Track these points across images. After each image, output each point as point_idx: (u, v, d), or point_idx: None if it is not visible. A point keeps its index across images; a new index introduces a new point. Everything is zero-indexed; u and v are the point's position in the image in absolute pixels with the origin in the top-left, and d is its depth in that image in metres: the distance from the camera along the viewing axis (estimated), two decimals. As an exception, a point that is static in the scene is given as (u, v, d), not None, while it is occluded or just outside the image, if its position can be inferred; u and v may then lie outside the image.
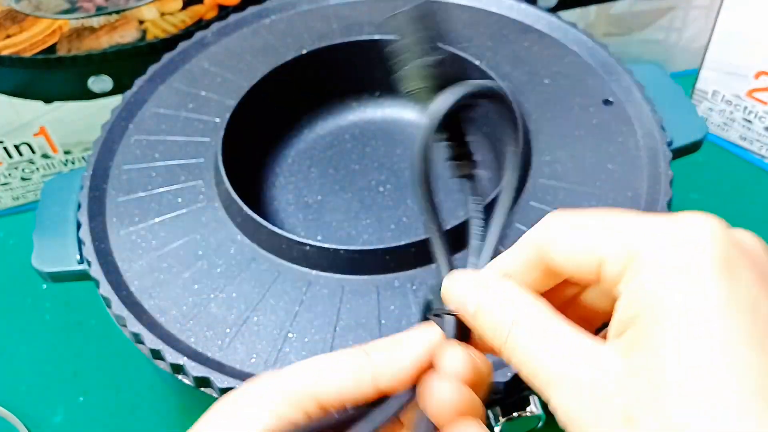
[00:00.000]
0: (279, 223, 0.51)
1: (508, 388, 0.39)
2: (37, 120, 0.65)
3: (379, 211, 0.51)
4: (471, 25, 0.57)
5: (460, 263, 0.34)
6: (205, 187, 0.49)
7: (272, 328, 0.42)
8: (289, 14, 0.60)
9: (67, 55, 0.61)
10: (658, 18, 0.70)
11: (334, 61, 0.55)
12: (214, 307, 0.43)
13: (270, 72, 0.52)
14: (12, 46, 0.60)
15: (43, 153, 0.68)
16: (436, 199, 0.33)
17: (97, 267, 0.44)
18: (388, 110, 0.57)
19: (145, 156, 0.51)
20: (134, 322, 0.42)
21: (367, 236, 0.50)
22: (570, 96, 0.52)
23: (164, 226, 0.47)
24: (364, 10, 0.59)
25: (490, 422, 0.42)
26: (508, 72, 0.54)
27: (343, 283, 0.43)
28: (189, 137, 0.52)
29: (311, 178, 0.53)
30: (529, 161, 0.49)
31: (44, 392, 0.60)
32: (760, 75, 0.65)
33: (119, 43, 0.62)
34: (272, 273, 0.44)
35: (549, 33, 0.56)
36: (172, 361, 0.40)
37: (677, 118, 0.51)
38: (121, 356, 0.61)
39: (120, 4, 0.60)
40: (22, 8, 0.59)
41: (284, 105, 0.55)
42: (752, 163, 0.70)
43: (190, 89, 0.55)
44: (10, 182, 0.70)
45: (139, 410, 0.58)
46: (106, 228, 0.47)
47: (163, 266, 0.45)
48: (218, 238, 0.46)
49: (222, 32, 0.58)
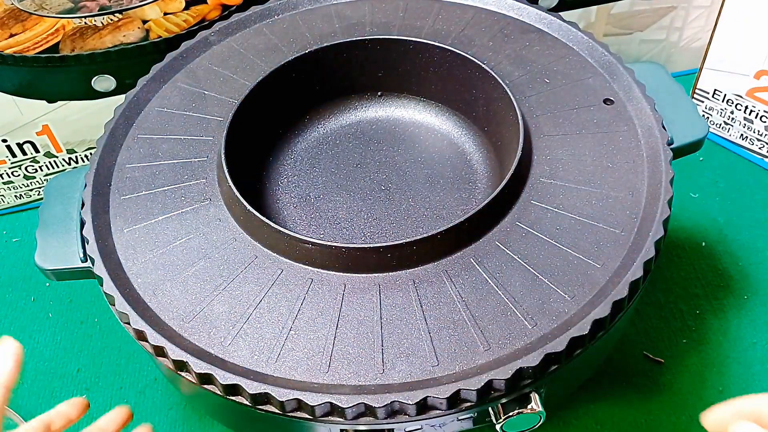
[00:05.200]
0: (281, 222, 0.51)
1: (508, 385, 0.39)
2: (41, 119, 0.65)
3: (381, 209, 0.51)
4: (472, 25, 0.57)
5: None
6: (208, 186, 0.49)
7: (274, 326, 0.42)
8: (291, 14, 0.60)
9: (70, 54, 0.62)
10: (658, 18, 0.70)
11: (337, 61, 0.55)
12: (216, 304, 0.43)
13: (272, 71, 0.52)
14: (15, 45, 0.60)
15: (46, 151, 0.68)
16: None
17: (100, 264, 0.44)
18: (390, 109, 0.57)
19: (149, 155, 0.51)
20: (137, 319, 0.42)
21: (369, 234, 0.50)
22: (571, 95, 0.52)
23: (167, 225, 0.47)
24: (366, 10, 0.59)
25: (491, 420, 0.42)
26: (509, 71, 0.54)
27: (345, 280, 0.44)
28: (192, 136, 0.52)
29: (313, 177, 0.54)
30: (530, 160, 0.49)
31: (47, 389, 0.61)
32: (760, 74, 0.65)
33: (122, 42, 0.62)
34: (274, 271, 0.44)
35: (550, 32, 0.56)
36: (175, 358, 0.41)
37: (678, 118, 0.52)
38: (124, 353, 0.61)
39: (123, 4, 0.60)
40: (26, 7, 0.59)
41: (286, 104, 0.55)
42: (753, 162, 0.70)
43: (193, 88, 0.55)
44: (13, 181, 0.70)
45: (141, 407, 0.59)
46: (110, 226, 0.47)
47: (166, 264, 0.45)
48: (221, 236, 0.46)
49: (225, 32, 0.58)
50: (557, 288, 0.43)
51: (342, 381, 0.40)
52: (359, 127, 0.57)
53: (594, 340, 0.41)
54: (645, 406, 0.56)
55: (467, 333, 0.41)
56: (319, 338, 0.42)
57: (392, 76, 0.57)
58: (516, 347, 0.40)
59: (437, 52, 0.54)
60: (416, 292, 0.43)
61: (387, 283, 0.43)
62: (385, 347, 0.41)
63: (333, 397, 0.39)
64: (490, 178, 0.53)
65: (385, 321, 0.42)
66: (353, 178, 0.54)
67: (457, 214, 0.51)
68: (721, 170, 0.70)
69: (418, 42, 0.54)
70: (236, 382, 0.39)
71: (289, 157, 0.55)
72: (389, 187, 0.53)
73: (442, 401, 0.39)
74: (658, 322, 0.60)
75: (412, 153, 0.55)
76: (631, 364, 0.58)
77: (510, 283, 0.43)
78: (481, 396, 0.39)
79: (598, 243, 0.44)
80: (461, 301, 0.42)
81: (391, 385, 0.39)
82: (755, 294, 0.62)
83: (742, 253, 0.64)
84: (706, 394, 0.57)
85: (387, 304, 0.43)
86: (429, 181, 0.53)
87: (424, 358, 0.40)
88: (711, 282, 0.63)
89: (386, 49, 0.55)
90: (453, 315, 0.42)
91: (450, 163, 0.54)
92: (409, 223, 0.51)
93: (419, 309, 0.42)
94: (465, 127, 0.56)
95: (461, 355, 0.40)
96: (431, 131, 0.56)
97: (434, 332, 0.41)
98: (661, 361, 0.59)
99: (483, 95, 0.53)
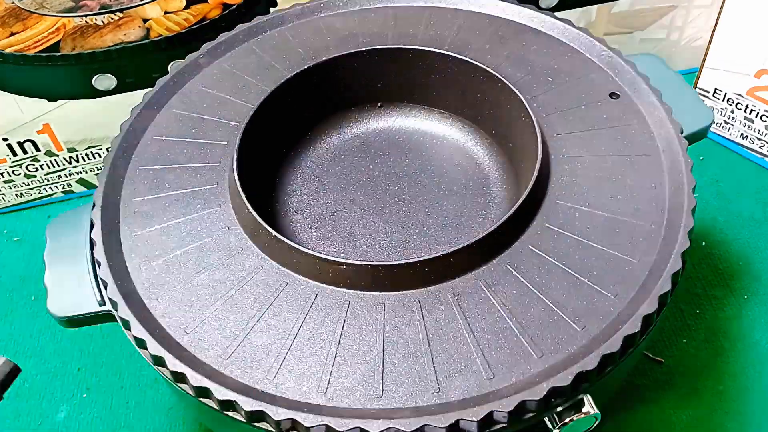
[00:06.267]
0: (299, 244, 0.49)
1: (568, 391, 0.39)
2: (41, 117, 0.65)
3: (400, 222, 0.50)
4: (465, 29, 0.57)
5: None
6: (224, 214, 0.47)
7: (319, 353, 0.41)
8: (279, 30, 0.58)
9: (71, 53, 0.61)
10: (659, 17, 0.71)
11: (338, 74, 0.54)
12: (254, 337, 0.41)
13: (275, 89, 0.51)
14: (16, 44, 0.60)
15: (47, 150, 0.69)
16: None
17: (124, 307, 0.42)
18: (393, 120, 0.56)
19: (155, 187, 0.49)
20: (175, 361, 0.40)
21: (391, 249, 0.49)
22: (576, 92, 0.52)
23: (187, 258, 0.45)
24: (356, 21, 0.58)
25: (547, 428, 0.41)
26: (511, 73, 0.53)
27: (384, 299, 0.43)
28: (197, 163, 0.50)
29: (324, 195, 0.52)
30: (548, 160, 0.48)
31: (48, 389, 0.60)
32: (761, 73, 0.65)
33: (123, 41, 0.62)
34: (308, 296, 0.43)
35: (544, 31, 0.56)
36: (221, 398, 0.39)
37: (682, 107, 0.52)
38: (124, 353, 0.61)
39: (124, 3, 0.60)
40: (26, 6, 0.59)
41: (289, 122, 0.54)
42: (753, 161, 0.71)
43: (190, 113, 0.53)
44: (14, 179, 0.70)
45: (141, 407, 0.59)
46: (126, 265, 0.45)
47: (193, 300, 0.43)
48: (246, 266, 0.44)
49: (214, 53, 0.56)
50: (599, 287, 0.42)
51: (399, 404, 0.39)
52: (363, 140, 0.56)
53: (644, 337, 0.41)
54: (645, 406, 0.57)
55: (517, 342, 0.40)
56: (368, 362, 0.40)
57: (392, 86, 0.56)
58: (569, 351, 0.40)
59: (438, 58, 0.53)
60: (458, 305, 0.42)
61: (426, 297, 0.42)
62: (436, 364, 0.40)
63: (395, 422, 0.37)
64: (504, 181, 0.52)
65: (432, 337, 0.41)
66: (365, 193, 0.52)
67: (477, 221, 0.50)
68: (722, 170, 0.70)
69: (418, 50, 0.53)
70: (291, 417, 0.38)
71: (297, 177, 0.54)
72: (404, 199, 0.52)
73: (505, 415, 0.38)
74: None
75: (421, 162, 0.54)
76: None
77: (550, 286, 0.42)
78: (544, 405, 0.38)
79: (631, 238, 0.44)
80: (505, 309, 0.42)
81: (451, 403, 0.38)
82: (755, 294, 0.63)
83: (742, 253, 0.65)
84: (706, 394, 0.57)
85: (430, 319, 0.42)
86: (442, 188, 0.52)
87: (479, 371, 0.39)
88: (711, 282, 0.63)
89: (385, 58, 0.54)
90: (500, 324, 0.41)
91: (460, 169, 0.53)
92: (431, 234, 0.50)
93: (464, 321, 0.41)
94: (471, 132, 0.55)
95: (516, 365, 0.40)
96: (437, 138, 0.56)
97: (484, 344, 0.40)
98: (661, 361, 0.59)
99: (489, 99, 0.53)
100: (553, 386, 0.38)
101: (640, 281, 0.42)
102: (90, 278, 0.46)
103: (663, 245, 0.44)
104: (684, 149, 0.48)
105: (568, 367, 0.39)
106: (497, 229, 0.43)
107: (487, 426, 0.38)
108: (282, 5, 0.65)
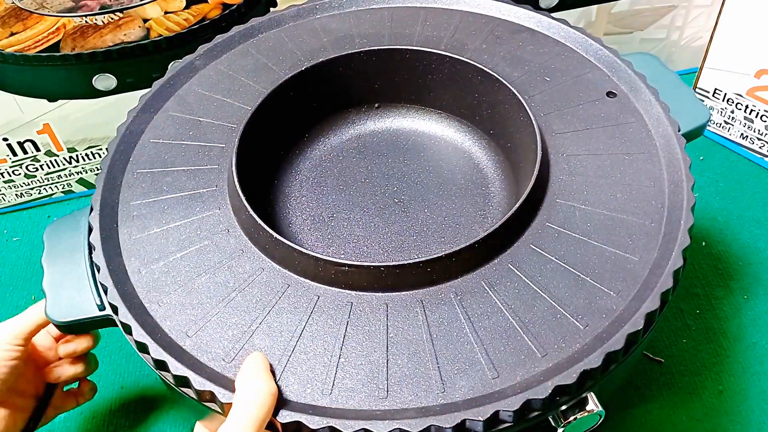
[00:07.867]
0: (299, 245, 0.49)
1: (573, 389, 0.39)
2: (41, 117, 0.66)
3: (399, 222, 0.50)
4: (461, 29, 0.57)
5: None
6: (223, 217, 0.47)
7: (322, 355, 0.40)
8: (275, 31, 0.58)
9: (71, 53, 0.61)
10: (659, 17, 0.71)
11: (335, 75, 0.54)
12: (257, 339, 0.41)
13: (273, 91, 0.51)
14: (16, 44, 0.60)
15: (47, 150, 0.69)
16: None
17: (125, 311, 0.42)
18: (390, 120, 0.56)
19: (152, 190, 0.48)
20: (177, 365, 0.40)
21: (391, 250, 0.49)
22: (573, 91, 0.52)
23: (187, 261, 0.45)
24: (352, 22, 0.58)
25: (552, 426, 0.41)
26: (508, 73, 0.54)
27: (386, 300, 0.42)
28: (195, 166, 0.50)
29: (323, 196, 0.52)
30: (548, 159, 0.48)
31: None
32: (761, 73, 0.66)
33: (123, 41, 0.62)
34: (311, 298, 0.43)
35: (541, 31, 0.56)
36: (226, 402, 0.38)
37: (678, 105, 0.52)
38: (124, 353, 0.61)
39: (124, 3, 0.60)
40: (27, 6, 0.59)
41: (287, 124, 0.53)
42: (753, 161, 0.71)
43: (186, 116, 0.52)
44: (14, 179, 0.70)
45: (142, 407, 0.59)
46: (126, 269, 0.45)
47: (194, 303, 0.43)
48: (247, 268, 0.44)
49: (210, 55, 0.56)
50: (601, 285, 0.42)
51: (404, 405, 0.38)
52: (361, 141, 0.56)
53: (646, 334, 0.41)
54: (645, 406, 0.57)
55: (521, 341, 0.40)
56: (372, 363, 0.40)
57: (390, 87, 0.56)
58: (573, 350, 0.40)
59: (435, 58, 0.53)
60: (461, 305, 0.42)
61: (429, 298, 0.42)
62: (440, 364, 0.40)
63: (400, 423, 0.37)
64: (502, 180, 0.52)
65: (435, 337, 0.41)
66: (364, 194, 0.52)
67: (476, 220, 0.50)
68: (722, 170, 0.70)
69: (416, 50, 0.53)
70: (296, 419, 0.38)
71: (295, 179, 0.53)
72: (402, 199, 0.52)
73: (510, 414, 0.38)
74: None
75: (419, 162, 0.54)
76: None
77: (552, 285, 0.42)
78: (549, 404, 0.38)
79: (631, 236, 0.44)
80: (508, 308, 0.42)
81: (456, 403, 0.38)
82: (755, 294, 0.63)
83: (742, 253, 0.65)
84: (706, 394, 0.58)
85: (434, 319, 0.41)
86: (441, 189, 0.52)
87: (483, 371, 0.39)
88: (711, 282, 0.64)
89: (383, 59, 0.54)
90: (503, 324, 0.41)
91: (459, 170, 0.53)
92: (430, 234, 0.50)
93: (467, 321, 0.41)
94: (469, 131, 0.55)
95: (520, 364, 0.40)
96: (434, 139, 0.56)
97: (487, 343, 0.40)
98: (661, 361, 0.59)
99: (486, 99, 0.53)
100: (558, 385, 0.38)
101: (642, 278, 0.42)
102: (89, 283, 0.45)
103: (663, 242, 0.44)
104: (682, 147, 0.48)
105: (573, 365, 0.39)
106: (499, 228, 0.43)
107: (492, 425, 0.38)
108: (279, 6, 0.65)
